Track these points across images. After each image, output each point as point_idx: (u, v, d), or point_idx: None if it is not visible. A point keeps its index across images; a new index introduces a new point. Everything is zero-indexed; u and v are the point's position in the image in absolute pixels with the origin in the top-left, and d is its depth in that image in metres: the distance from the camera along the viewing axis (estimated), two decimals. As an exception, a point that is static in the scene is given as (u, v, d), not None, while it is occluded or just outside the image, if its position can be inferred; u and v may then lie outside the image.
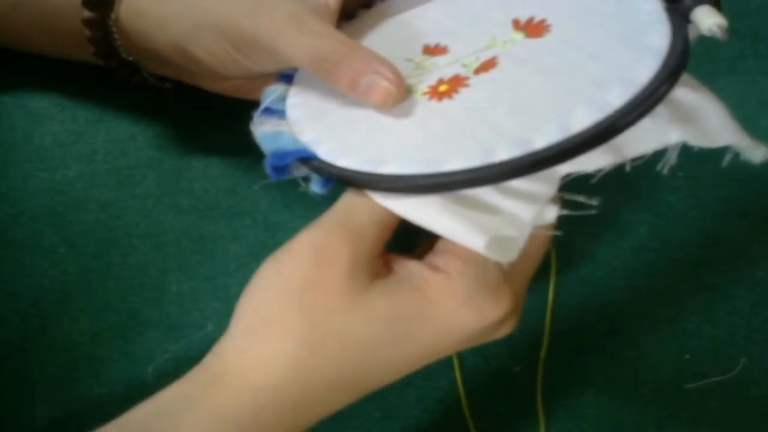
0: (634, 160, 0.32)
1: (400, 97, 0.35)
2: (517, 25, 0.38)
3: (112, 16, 0.41)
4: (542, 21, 0.37)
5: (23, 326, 0.42)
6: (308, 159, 0.34)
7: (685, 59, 0.33)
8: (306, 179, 0.35)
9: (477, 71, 0.36)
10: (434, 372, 0.42)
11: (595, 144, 0.31)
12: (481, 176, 0.31)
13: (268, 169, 0.35)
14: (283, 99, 0.38)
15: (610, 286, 0.44)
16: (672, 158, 0.33)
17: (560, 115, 0.31)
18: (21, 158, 0.46)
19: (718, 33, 0.33)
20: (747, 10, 0.54)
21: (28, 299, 0.42)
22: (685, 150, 0.33)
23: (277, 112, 0.37)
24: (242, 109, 0.38)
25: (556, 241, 0.36)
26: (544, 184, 0.32)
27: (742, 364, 0.42)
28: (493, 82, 0.35)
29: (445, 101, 0.35)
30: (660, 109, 0.32)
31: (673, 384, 0.42)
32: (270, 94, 0.38)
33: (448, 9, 0.41)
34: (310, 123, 0.36)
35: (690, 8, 0.34)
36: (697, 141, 0.33)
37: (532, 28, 0.37)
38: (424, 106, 0.35)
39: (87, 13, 0.41)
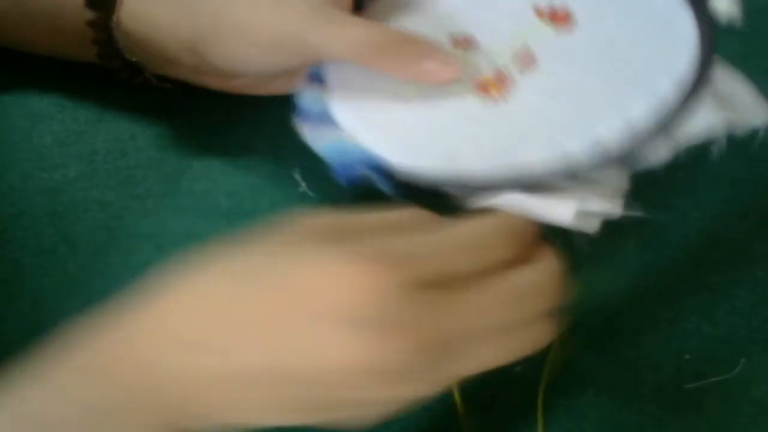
0: (685, 149, 0.33)
1: (456, 73, 0.36)
2: (540, 14, 0.38)
3: (114, 18, 0.40)
4: (563, 8, 0.37)
5: (23, 326, 0.42)
6: (381, 167, 0.35)
7: (716, 43, 0.33)
8: (365, 180, 0.35)
9: (521, 70, 0.36)
10: (434, 372, 0.42)
11: (661, 136, 0.32)
12: (562, 171, 0.32)
13: (340, 180, 0.35)
14: (321, 101, 0.38)
15: (610, 286, 0.44)
16: (721, 143, 0.34)
17: (621, 109, 0.33)
18: (21, 158, 0.46)
19: (734, 13, 0.34)
20: (747, 10, 0.54)
21: (28, 299, 0.42)
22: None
23: (321, 115, 0.37)
24: (243, 109, 0.38)
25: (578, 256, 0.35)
26: (614, 180, 0.33)
27: (742, 364, 0.42)
28: (544, 82, 0.36)
29: (501, 104, 0.35)
30: (705, 96, 0.33)
31: (673, 384, 0.42)
32: (308, 97, 0.38)
33: None
34: (369, 130, 0.36)
35: None
36: (738, 122, 0.34)
37: (557, 18, 0.37)
38: (481, 108, 0.36)
39: (90, 14, 0.41)
